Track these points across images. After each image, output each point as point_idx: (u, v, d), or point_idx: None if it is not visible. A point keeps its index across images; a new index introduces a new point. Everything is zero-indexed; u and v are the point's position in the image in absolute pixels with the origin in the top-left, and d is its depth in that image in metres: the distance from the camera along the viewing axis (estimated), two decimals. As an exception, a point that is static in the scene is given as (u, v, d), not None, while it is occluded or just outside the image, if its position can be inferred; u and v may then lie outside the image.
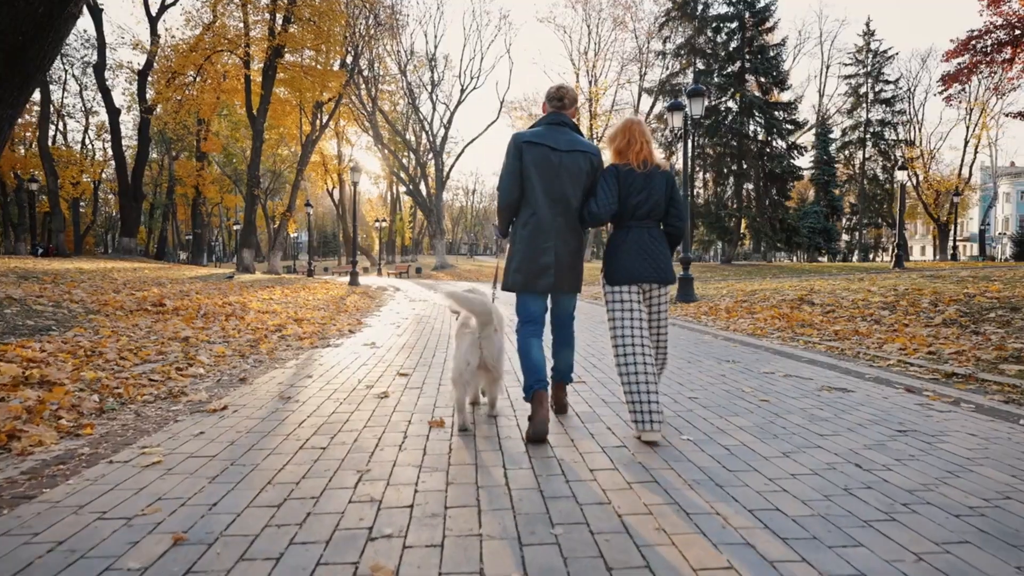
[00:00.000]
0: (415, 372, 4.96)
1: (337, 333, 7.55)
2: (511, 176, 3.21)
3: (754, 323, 8.34)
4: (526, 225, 3.22)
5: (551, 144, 3.17)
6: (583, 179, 3.23)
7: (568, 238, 3.24)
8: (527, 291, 3.27)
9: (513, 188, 3.22)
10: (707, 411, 3.67)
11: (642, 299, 3.25)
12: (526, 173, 3.18)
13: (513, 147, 3.21)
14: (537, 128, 3.30)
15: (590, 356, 5.81)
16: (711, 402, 3.91)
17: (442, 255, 42.52)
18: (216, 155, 49.74)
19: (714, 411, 3.66)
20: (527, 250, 3.19)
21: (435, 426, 3.32)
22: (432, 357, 5.77)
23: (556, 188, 3.17)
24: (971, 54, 19.02)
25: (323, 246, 77.53)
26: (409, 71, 41.77)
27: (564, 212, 3.21)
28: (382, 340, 6.98)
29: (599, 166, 3.30)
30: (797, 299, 10.09)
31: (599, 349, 6.24)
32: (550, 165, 3.16)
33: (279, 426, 3.30)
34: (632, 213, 3.20)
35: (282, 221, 28.97)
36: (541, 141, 3.18)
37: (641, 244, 3.19)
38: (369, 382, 4.53)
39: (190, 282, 13.49)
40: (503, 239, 3.44)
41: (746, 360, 5.60)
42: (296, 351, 6.08)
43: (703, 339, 7.19)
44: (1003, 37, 18.12)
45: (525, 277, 3.21)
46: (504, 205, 3.28)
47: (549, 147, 3.16)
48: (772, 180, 29.24)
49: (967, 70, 19.39)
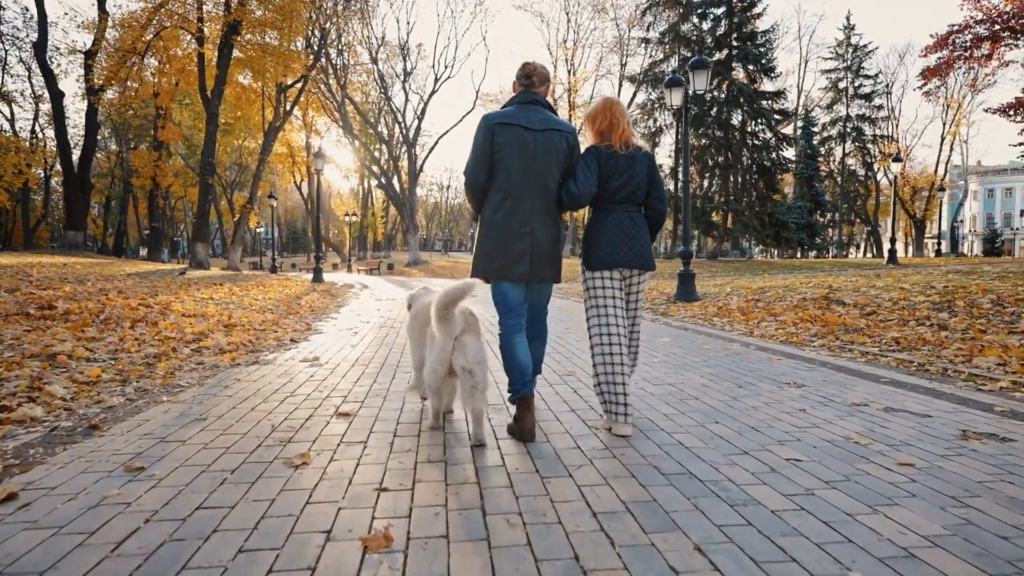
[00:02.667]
0: (361, 409, 3.45)
1: (275, 343, 5.99)
2: (479, 158, 3.01)
3: (782, 327, 6.99)
4: (498, 209, 3.01)
5: (524, 124, 2.99)
6: (560, 159, 3.05)
7: (547, 222, 3.05)
8: (501, 279, 3.04)
9: (479, 171, 3.02)
10: (847, 498, 2.23)
11: (621, 286, 3.13)
12: (498, 156, 2.98)
13: (484, 128, 3.00)
14: (508, 108, 3.09)
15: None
16: (832, 472, 2.45)
17: (415, 251, 40.66)
18: (179, 147, 47.29)
19: (856, 497, 2.21)
20: (501, 234, 2.99)
21: (379, 547, 1.81)
22: (391, 382, 4.26)
23: (532, 170, 2.99)
24: (950, 49, 18.79)
25: (292, 242, 74.66)
26: (381, 60, 39.91)
27: (541, 195, 3.03)
28: (330, 353, 5.45)
29: (576, 145, 3.13)
30: (821, 298, 8.78)
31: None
32: (524, 146, 2.97)
33: (85, 544, 1.77)
34: (612, 196, 3.09)
35: (243, 214, 26.89)
36: (513, 121, 2.99)
37: (622, 228, 3.08)
38: (287, 430, 3.00)
39: (123, 279, 11.73)
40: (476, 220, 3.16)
41: (812, 382, 4.20)
42: (208, 371, 4.52)
43: (731, 348, 5.80)
44: (982, 32, 17.91)
45: (500, 264, 3.00)
46: (469, 187, 3.10)
47: (522, 127, 2.98)
48: (759, 172, 28.08)
49: (946, 64, 19.12)
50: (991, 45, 18.08)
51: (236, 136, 45.78)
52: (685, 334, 7.00)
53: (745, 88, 26.93)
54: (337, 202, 62.58)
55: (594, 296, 3.11)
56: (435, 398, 2.98)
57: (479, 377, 2.75)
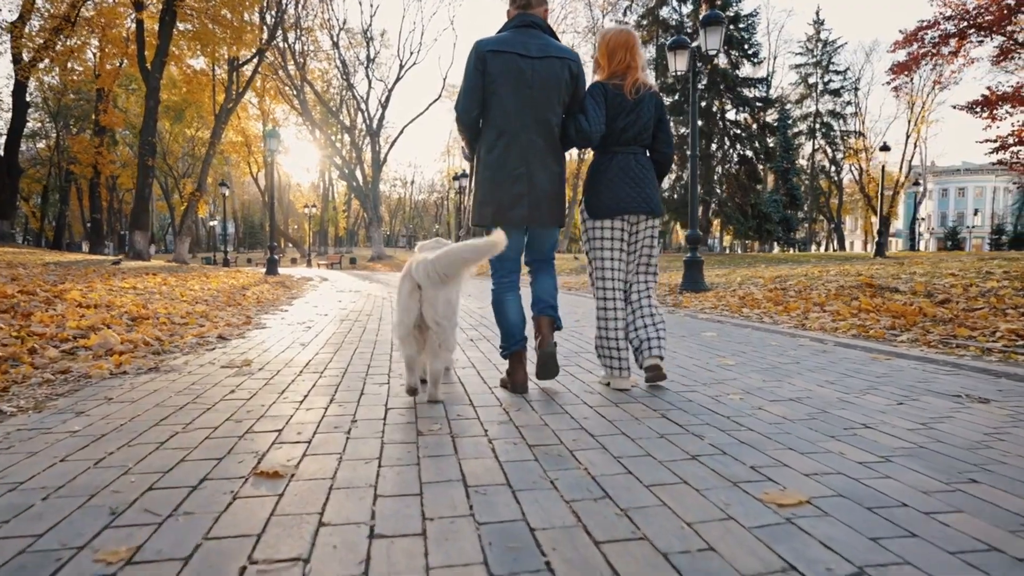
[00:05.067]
0: (304, 461, 1.89)
1: (195, 341, 4.36)
2: (470, 93, 2.70)
3: (839, 318, 5.67)
4: (492, 148, 2.73)
5: (520, 51, 2.66)
6: (561, 91, 2.74)
7: (547, 161, 2.76)
8: (498, 225, 2.59)
9: (470, 107, 2.72)
10: None
11: (624, 236, 2.92)
12: (492, 88, 2.67)
13: (474, 58, 2.67)
14: (503, 33, 2.76)
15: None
16: None
17: (379, 245, 38.58)
18: (127, 136, 44.29)
19: None
20: (496, 176, 2.72)
21: None
22: (357, 403, 2.73)
23: (530, 102, 2.69)
24: (919, 44, 18.87)
25: (249, 237, 71.02)
26: (343, 46, 37.82)
27: (541, 131, 2.73)
28: (269, 356, 3.87)
29: (579, 74, 2.80)
30: (864, 285, 7.53)
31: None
32: (521, 75, 2.66)
33: None
34: (618, 137, 2.84)
35: (191, 202, 24.67)
36: (507, 48, 2.66)
37: (627, 170, 2.85)
38: (129, 529, 1.45)
39: (32, 267, 9.83)
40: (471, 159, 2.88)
41: (988, 393, 2.83)
42: (69, 384, 2.91)
43: (805, 344, 4.43)
44: (950, 29, 17.90)
45: (495, 208, 2.73)
46: (461, 124, 2.79)
47: (518, 54, 2.66)
48: (741, 162, 27.05)
49: (915, 60, 19.24)
50: (958, 42, 18.14)
51: (188, 125, 43.07)
52: (723, 327, 5.64)
53: (729, 73, 25.86)
54: (296, 194, 60.00)
55: (598, 247, 2.93)
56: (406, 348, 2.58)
57: (446, 333, 2.53)
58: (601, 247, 2.89)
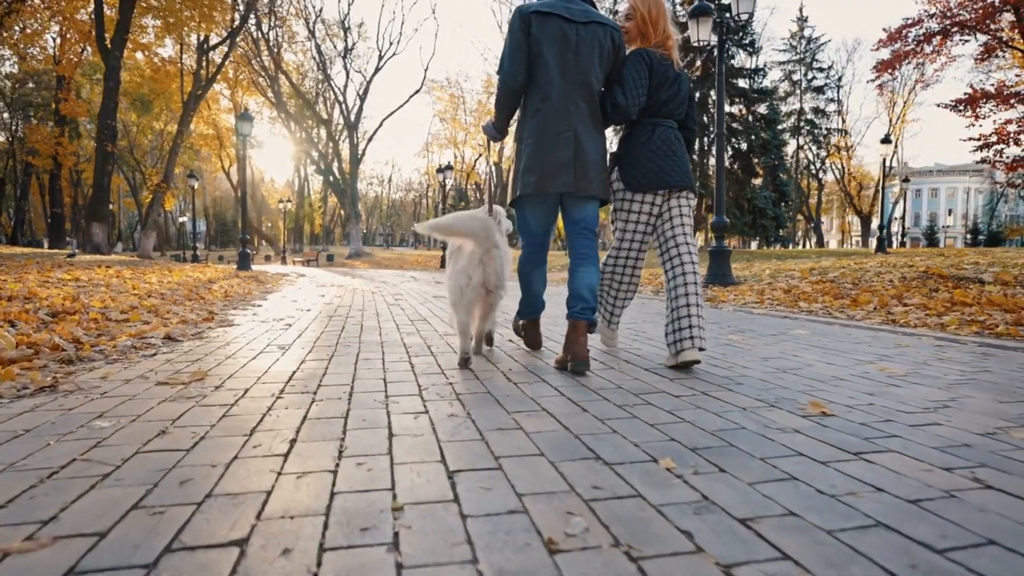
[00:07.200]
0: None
1: (129, 343, 3.15)
2: (516, 55, 2.55)
3: (932, 314, 4.67)
4: (536, 114, 2.58)
5: (565, 15, 2.54)
6: (604, 58, 2.61)
7: (590, 127, 2.60)
8: (539, 192, 2.57)
9: (518, 71, 2.56)
10: None
11: (655, 211, 2.79)
12: (536, 50, 2.54)
13: (519, 20, 2.54)
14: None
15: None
16: None
17: (357, 241, 36.97)
18: (91, 128, 42.20)
19: None
20: (541, 140, 2.56)
21: None
22: (388, 463, 1.57)
23: (574, 67, 2.55)
24: (903, 42, 19.07)
25: (221, 235, 68.46)
26: (319, 37, 36.26)
27: (586, 96, 2.59)
28: (233, 366, 2.68)
29: (622, 45, 2.69)
30: (930, 276, 6.56)
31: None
32: (566, 40, 2.54)
33: None
34: (658, 109, 2.72)
35: (156, 194, 23.01)
36: (552, 11, 2.54)
37: (668, 143, 2.71)
38: None
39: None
40: (497, 140, 2.76)
41: None
42: None
43: (926, 345, 3.38)
44: (934, 27, 18.08)
45: (538, 176, 2.56)
46: (506, 91, 2.60)
47: (563, 18, 2.53)
48: (736, 156, 26.20)
49: (899, 57, 19.33)
50: (940, 40, 18.34)
51: (156, 117, 41.08)
52: (798, 323, 4.59)
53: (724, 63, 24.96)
54: (271, 190, 58.02)
55: (627, 220, 2.83)
56: (463, 312, 2.57)
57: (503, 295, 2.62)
58: (627, 219, 2.82)
